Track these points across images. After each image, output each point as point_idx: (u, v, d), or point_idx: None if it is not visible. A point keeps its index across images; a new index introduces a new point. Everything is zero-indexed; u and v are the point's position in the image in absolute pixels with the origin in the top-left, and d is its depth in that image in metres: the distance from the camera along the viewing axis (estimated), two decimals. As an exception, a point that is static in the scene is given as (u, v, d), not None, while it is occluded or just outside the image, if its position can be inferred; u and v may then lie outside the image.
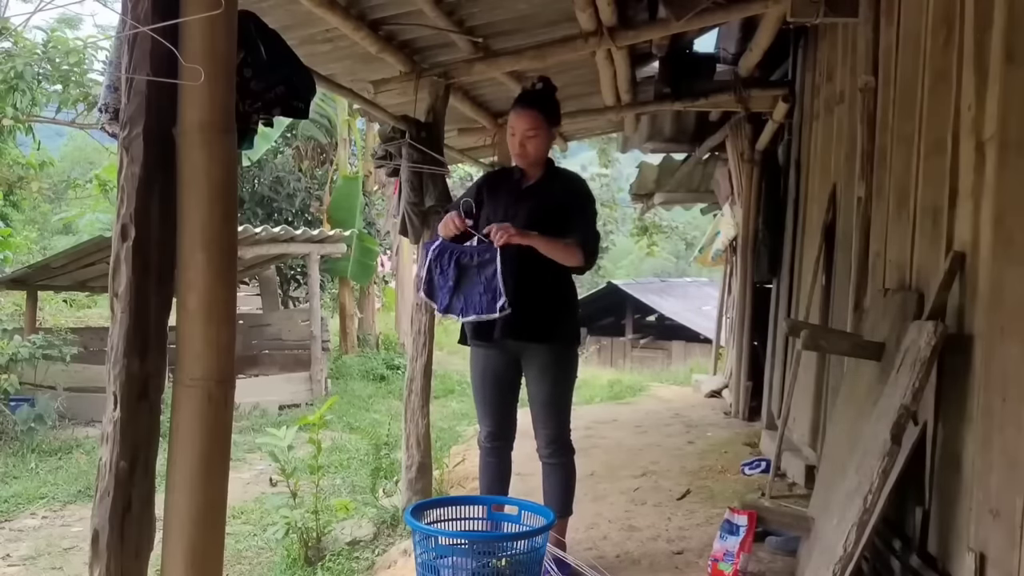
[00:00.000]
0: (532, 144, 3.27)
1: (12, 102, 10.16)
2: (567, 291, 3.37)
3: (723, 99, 5.99)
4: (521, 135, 3.26)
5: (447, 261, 3.31)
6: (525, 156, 3.31)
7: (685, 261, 29.93)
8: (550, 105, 3.35)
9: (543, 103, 3.32)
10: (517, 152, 3.31)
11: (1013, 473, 2.11)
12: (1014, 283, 2.17)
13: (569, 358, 3.39)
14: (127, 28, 1.74)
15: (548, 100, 3.35)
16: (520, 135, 3.27)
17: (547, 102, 3.35)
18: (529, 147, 3.28)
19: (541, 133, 3.28)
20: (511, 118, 3.33)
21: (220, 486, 1.84)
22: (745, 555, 3.20)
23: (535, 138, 3.27)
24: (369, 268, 13.66)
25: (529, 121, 3.26)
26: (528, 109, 3.28)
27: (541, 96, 3.35)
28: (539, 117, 3.27)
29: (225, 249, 1.81)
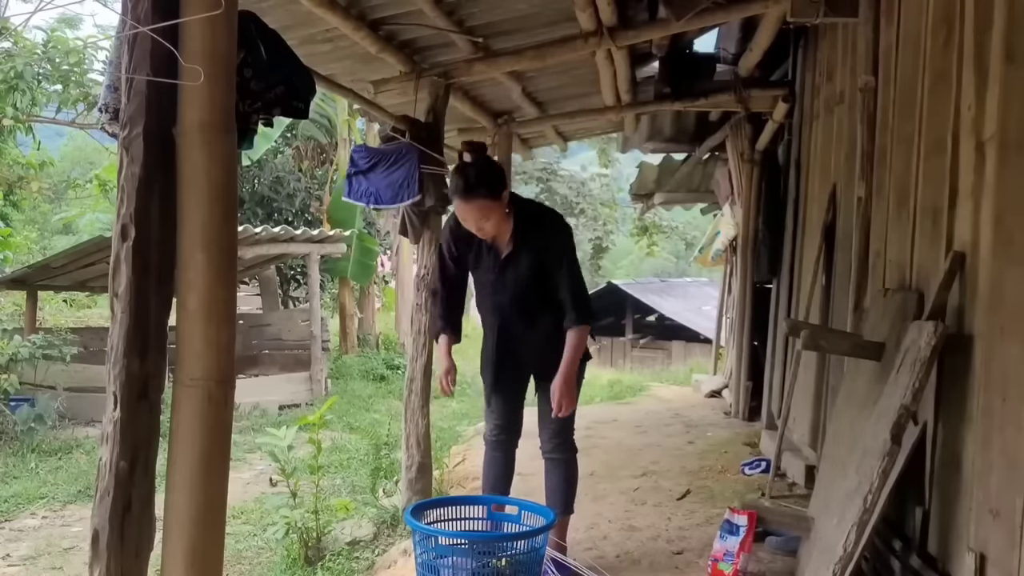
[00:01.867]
0: (489, 224, 3.12)
1: (12, 102, 10.15)
2: None
3: (723, 99, 5.99)
4: (474, 223, 3.13)
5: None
6: (487, 234, 3.19)
7: (685, 261, 29.93)
8: (488, 180, 3.07)
9: (480, 184, 3.05)
10: (478, 233, 3.18)
11: (1013, 473, 2.11)
12: (1014, 283, 2.17)
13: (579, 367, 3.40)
14: (127, 28, 1.74)
15: (484, 177, 3.06)
16: (473, 223, 3.13)
17: (484, 180, 3.06)
18: (488, 227, 3.14)
19: (493, 211, 3.08)
20: (456, 207, 3.18)
21: (220, 486, 1.84)
22: (745, 555, 3.20)
23: (487, 219, 3.10)
24: (369, 268, 13.66)
25: (476, 211, 3.08)
26: (469, 201, 3.06)
27: (476, 177, 3.06)
28: (484, 203, 3.06)
29: (225, 249, 1.81)
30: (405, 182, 4.28)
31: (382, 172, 4.34)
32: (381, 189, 4.36)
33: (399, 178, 4.29)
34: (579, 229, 23.42)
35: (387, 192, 4.33)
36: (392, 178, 4.31)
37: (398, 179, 4.30)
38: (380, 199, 4.38)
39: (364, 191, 4.42)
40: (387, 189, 4.33)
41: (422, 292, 4.50)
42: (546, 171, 21.55)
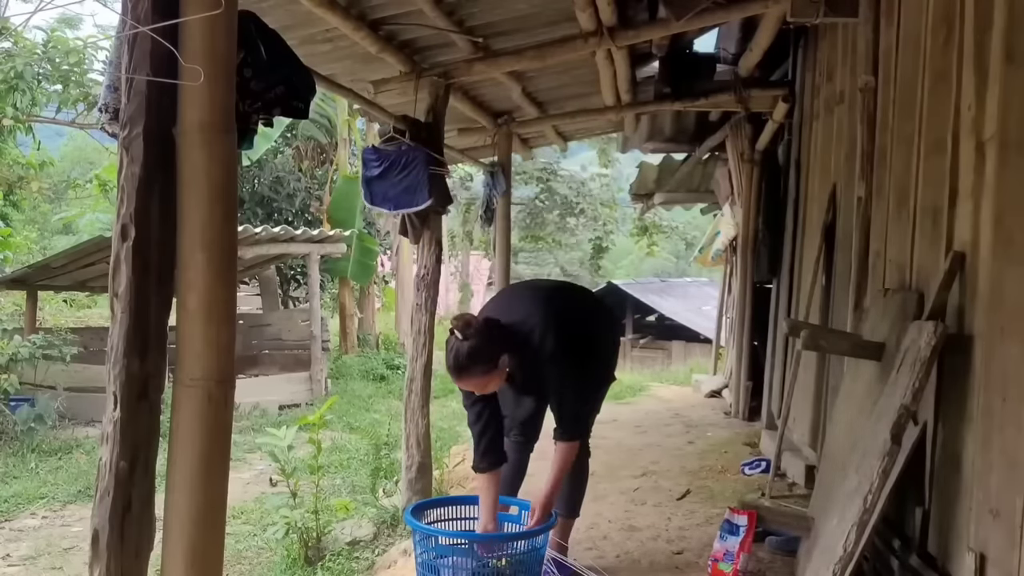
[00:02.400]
0: (491, 387, 3.08)
1: (12, 102, 10.15)
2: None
3: (723, 99, 5.99)
4: (477, 391, 3.09)
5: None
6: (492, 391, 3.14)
7: (685, 261, 29.92)
8: (479, 358, 2.96)
9: (472, 364, 2.96)
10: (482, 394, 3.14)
11: (1013, 473, 2.11)
12: (1014, 283, 2.17)
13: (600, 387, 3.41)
14: (127, 28, 1.74)
15: (475, 356, 2.95)
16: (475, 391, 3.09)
17: (475, 358, 2.95)
18: (490, 388, 3.09)
19: (491, 379, 3.02)
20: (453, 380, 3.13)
21: (220, 486, 1.84)
22: (745, 555, 3.20)
23: (487, 386, 3.06)
24: (369, 268, 13.67)
25: (472, 386, 3.05)
26: (462, 380, 3.01)
27: (468, 358, 2.95)
28: (479, 379, 3.00)
29: (225, 249, 1.81)
30: (417, 187, 4.35)
31: (395, 177, 4.41)
32: (397, 194, 4.43)
33: (411, 183, 4.37)
34: (579, 229, 23.42)
35: (403, 197, 4.42)
36: (407, 183, 4.39)
37: (412, 183, 4.37)
38: (398, 204, 4.46)
39: (383, 196, 4.49)
40: (403, 194, 4.41)
41: (422, 292, 4.50)
42: (546, 171, 21.50)
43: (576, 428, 3.15)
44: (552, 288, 3.56)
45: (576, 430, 3.15)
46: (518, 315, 3.15)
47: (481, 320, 3.05)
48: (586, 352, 3.18)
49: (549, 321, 3.11)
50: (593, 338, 3.28)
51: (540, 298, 3.34)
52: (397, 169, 4.39)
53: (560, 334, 3.08)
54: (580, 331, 3.20)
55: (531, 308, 3.20)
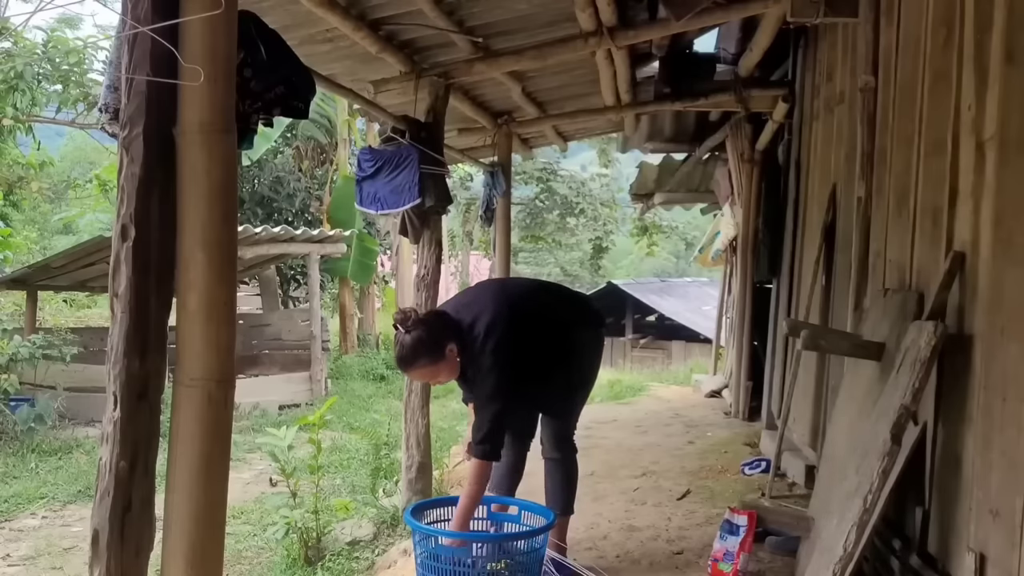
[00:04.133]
0: (442, 377, 3.13)
1: (12, 102, 10.16)
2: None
3: (723, 99, 5.99)
4: (429, 381, 3.19)
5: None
6: (447, 381, 3.21)
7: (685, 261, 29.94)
8: (425, 348, 2.99)
9: (419, 355, 3.00)
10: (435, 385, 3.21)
11: (1013, 473, 2.11)
12: (1014, 283, 2.17)
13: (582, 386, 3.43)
14: (127, 28, 1.74)
15: (420, 347, 2.98)
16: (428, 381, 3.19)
17: (420, 350, 2.98)
18: (442, 379, 3.16)
19: (440, 369, 3.06)
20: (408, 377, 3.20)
21: (220, 486, 1.84)
22: (745, 555, 3.20)
23: (437, 376, 3.12)
24: (369, 268, 13.67)
25: (421, 376, 3.17)
26: (410, 372, 3.14)
27: (411, 350, 2.99)
28: (425, 369, 3.06)
29: (225, 249, 1.81)
30: (407, 186, 4.32)
31: (386, 177, 4.38)
32: (386, 194, 4.41)
33: (401, 182, 4.34)
34: (579, 229, 23.42)
35: (391, 197, 4.39)
36: (395, 183, 4.36)
37: (400, 183, 4.34)
38: (385, 204, 4.43)
39: (372, 197, 4.48)
40: (391, 194, 4.38)
41: (422, 292, 4.50)
42: (546, 171, 21.52)
43: (487, 442, 2.99)
44: (519, 283, 3.55)
45: (486, 444, 2.99)
46: (472, 306, 3.16)
47: (425, 312, 3.12)
48: (541, 351, 3.17)
49: (497, 311, 3.10)
50: (559, 338, 3.26)
51: (498, 290, 3.37)
52: (389, 168, 4.38)
53: (504, 326, 3.05)
54: (537, 326, 3.19)
55: (481, 297, 3.23)
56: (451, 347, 3.02)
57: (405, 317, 2.99)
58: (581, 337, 3.37)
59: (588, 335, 3.42)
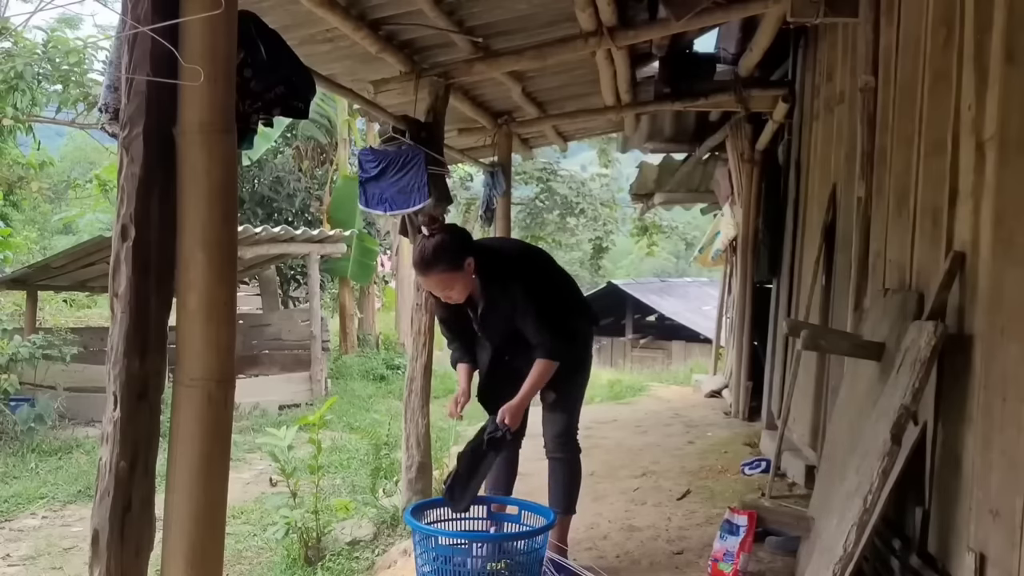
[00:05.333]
0: (455, 292, 3.12)
1: (12, 102, 10.16)
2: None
3: (723, 99, 5.99)
4: (439, 293, 3.15)
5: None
6: (457, 300, 3.18)
7: (685, 261, 29.93)
8: (447, 253, 3.04)
9: (437, 260, 3.04)
10: (446, 301, 3.19)
11: (1013, 473, 2.11)
12: (1014, 283, 2.17)
13: (578, 370, 3.42)
14: (127, 28, 1.74)
15: (443, 251, 3.03)
16: (438, 293, 3.16)
17: (442, 254, 3.03)
18: (454, 295, 3.14)
19: (455, 281, 3.08)
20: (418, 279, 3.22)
21: (220, 486, 1.84)
22: (745, 555, 3.20)
23: (451, 288, 3.11)
24: (369, 268, 13.67)
25: (436, 284, 3.11)
26: (427, 275, 3.09)
27: (433, 252, 3.03)
28: (442, 276, 3.07)
29: (225, 249, 1.81)
30: (415, 186, 4.29)
31: (392, 178, 4.36)
32: (393, 195, 4.37)
33: (409, 183, 4.31)
34: (579, 229, 23.39)
35: (399, 198, 4.36)
36: (402, 184, 4.33)
37: (408, 184, 4.31)
38: (393, 205, 4.40)
39: (378, 198, 4.44)
40: (399, 195, 4.35)
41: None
42: (546, 171, 21.50)
43: (555, 343, 3.11)
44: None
45: (555, 346, 3.11)
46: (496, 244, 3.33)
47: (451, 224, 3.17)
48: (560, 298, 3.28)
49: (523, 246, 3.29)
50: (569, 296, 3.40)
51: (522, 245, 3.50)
52: (394, 169, 4.35)
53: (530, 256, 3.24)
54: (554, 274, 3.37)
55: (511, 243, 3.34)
56: (470, 261, 3.07)
57: (432, 219, 3.07)
58: (582, 328, 3.43)
59: (586, 328, 3.48)
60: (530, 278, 3.19)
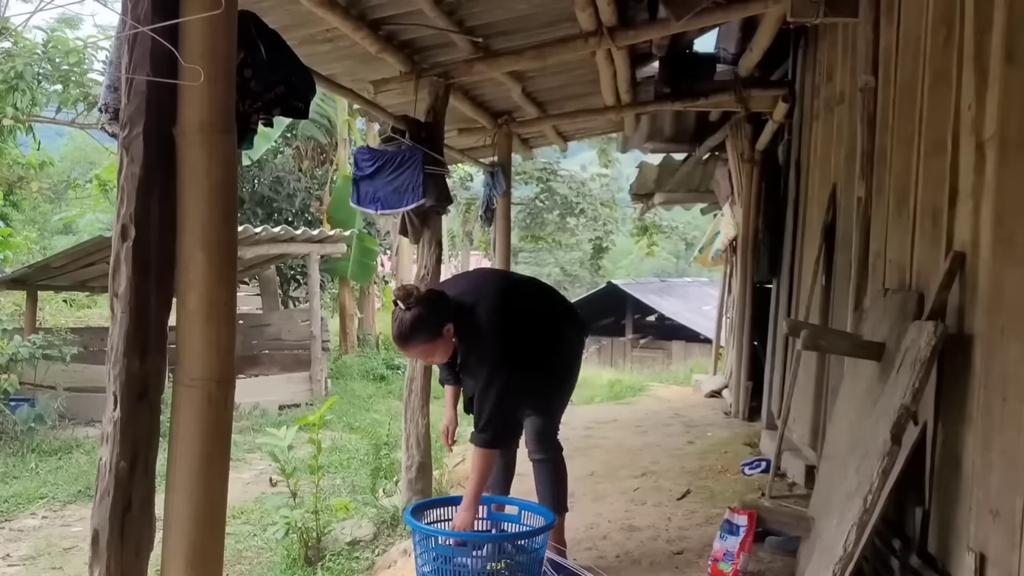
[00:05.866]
0: (436, 357, 3.21)
1: (12, 102, 10.15)
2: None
3: (723, 99, 5.99)
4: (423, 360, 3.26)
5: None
6: (439, 362, 3.29)
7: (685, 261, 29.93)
8: (424, 325, 3.04)
9: (418, 332, 3.05)
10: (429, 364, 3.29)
11: (1013, 473, 2.11)
12: (1014, 283, 2.17)
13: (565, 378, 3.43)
14: (127, 28, 1.74)
15: (420, 324, 3.03)
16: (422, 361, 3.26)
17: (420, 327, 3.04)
18: (437, 359, 3.24)
19: (437, 348, 3.13)
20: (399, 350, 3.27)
21: (220, 486, 1.84)
22: (745, 555, 3.20)
23: (433, 355, 3.21)
24: (369, 268, 13.67)
25: (418, 354, 3.22)
26: (407, 349, 3.15)
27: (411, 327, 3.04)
28: (423, 347, 3.12)
29: (225, 249, 1.81)
30: (410, 186, 4.29)
31: (387, 176, 4.35)
32: (387, 194, 4.37)
33: (404, 182, 4.31)
34: (579, 229, 23.41)
35: (393, 197, 4.35)
36: (397, 182, 4.32)
37: (403, 183, 4.31)
38: (386, 204, 4.39)
39: (371, 196, 4.44)
40: (393, 194, 4.35)
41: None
42: (546, 171, 21.52)
43: (489, 430, 3.03)
44: (514, 274, 3.64)
45: (489, 433, 3.03)
46: (470, 289, 3.23)
47: (424, 290, 3.15)
48: (535, 341, 3.21)
49: (497, 295, 3.18)
50: (551, 331, 3.33)
51: (496, 277, 3.45)
52: (390, 168, 4.35)
53: (504, 309, 3.13)
54: (532, 317, 3.27)
55: (483, 283, 3.31)
56: (448, 327, 3.08)
57: (407, 294, 3.04)
58: (569, 335, 3.43)
59: (574, 335, 3.48)
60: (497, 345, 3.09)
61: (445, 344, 3.11)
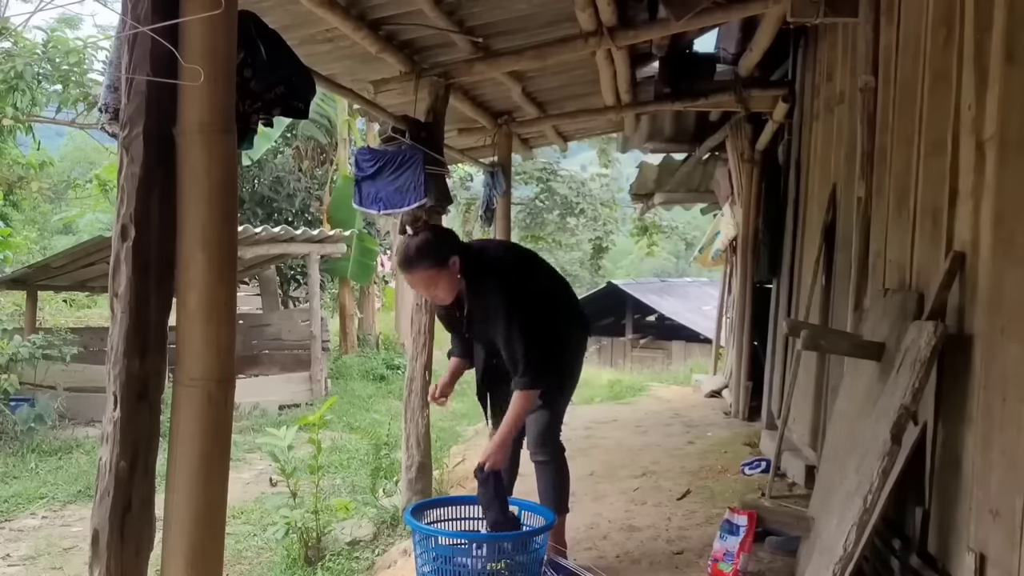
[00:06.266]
0: (440, 291, 3.13)
1: (12, 102, 10.16)
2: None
3: (723, 99, 5.99)
4: (424, 292, 3.19)
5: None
6: (441, 300, 3.20)
7: (685, 261, 29.92)
8: (432, 251, 3.05)
9: (424, 257, 3.05)
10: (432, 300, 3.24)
11: (1013, 473, 2.11)
12: (1014, 283, 2.17)
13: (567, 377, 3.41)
14: (127, 28, 1.74)
15: (428, 249, 3.04)
16: (423, 291, 3.19)
17: (427, 252, 3.05)
18: (439, 295, 3.15)
19: (439, 280, 3.08)
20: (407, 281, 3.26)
21: (220, 486, 1.84)
22: (745, 555, 3.20)
23: (436, 287, 3.12)
24: (369, 268, 13.67)
25: (420, 282, 3.13)
26: (410, 273, 3.10)
27: (416, 250, 3.05)
28: (428, 273, 3.07)
29: (225, 249, 1.82)
30: (412, 186, 4.29)
31: (388, 176, 4.35)
32: (389, 194, 4.37)
33: (406, 182, 4.31)
34: (579, 229, 23.40)
35: (394, 197, 4.35)
36: (399, 182, 4.33)
37: (405, 183, 4.31)
38: (388, 204, 4.39)
39: (373, 197, 4.43)
40: (395, 194, 4.35)
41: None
42: (546, 171, 21.50)
43: (530, 372, 3.02)
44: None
45: (530, 375, 3.03)
46: (487, 246, 3.29)
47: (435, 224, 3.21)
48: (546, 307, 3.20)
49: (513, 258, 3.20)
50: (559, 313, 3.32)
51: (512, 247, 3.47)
52: (391, 168, 4.35)
53: (519, 263, 3.17)
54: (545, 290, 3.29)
55: (499, 245, 3.32)
56: (455, 260, 3.06)
57: (415, 219, 3.08)
58: (574, 332, 3.43)
59: (578, 334, 3.47)
60: (514, 287, 3.12)
61: (449, 279, 3.07)
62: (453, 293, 3.14)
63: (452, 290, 3.12)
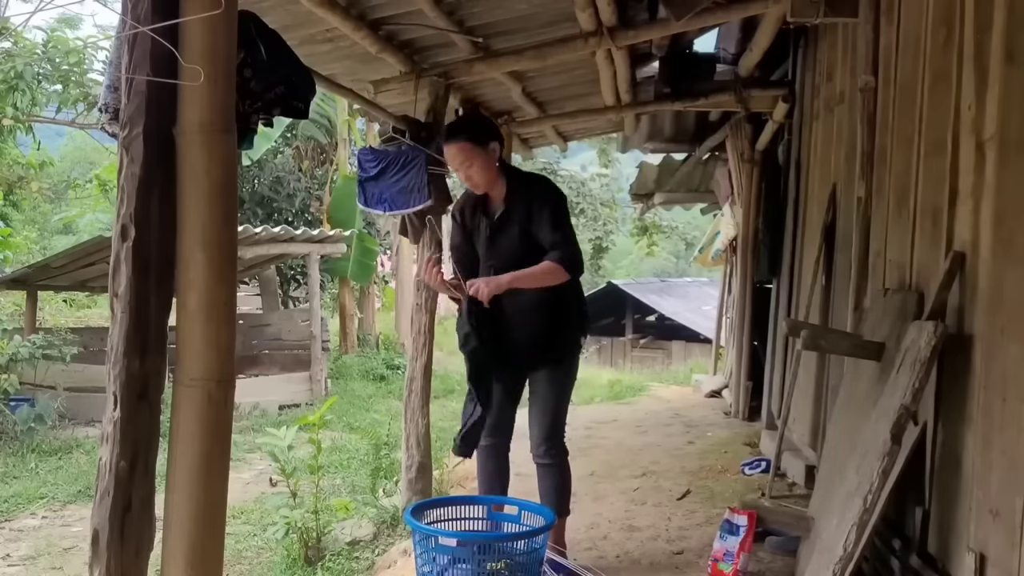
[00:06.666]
0: (473, 172, 3.22)
1: (12, 102, 10.15)
2: (565, 304, 3.30)
3: (723, 99, 5.99)
4: (459, 168, 3.26)
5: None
6: (475, 185, 3.29)
7: (685, 261, 29.92)
8: (472, 127, 3.26)
9: (463, 130, 3.27)
10: (466, 183, 3.31)
11: (1013, 473, 2.11)
12: (1014, 283, 2.17)
13: (571, 364, 3.41)
14: (127, 28, 1.74)
15: (468, 124, 3.23)
16: (459, 168, 3.25)
17: (467, 127, 3.27)
18: (473, 175, 3.23)
19: (475, 158, 3.19)
20: (445, 152, 3.35)
21: (220, 486, 1.84)
22: (745, 555, 3.20)
23: (472, 166, 3.20)
24: (369, 268, 13.66)
25: (456, 154, 3.22)
26: (450, 144, 3.24)
27: (461, 124, 3.22)
28: (464, 146, 3.19)
29: (225, 249, 1.81)
30: (416, 187, 4.30)
31: (392, 177, 4.36)
32: (393, 195, 4.38)
33: (410, 183, 4.32)
34: (579, 229, 23.38)
35: (399, 197, 4.36)
36: (403, 184, 4.33)
37: (409, 184, 4.32)
38: (394, 204, 4.41)
39: (378, 197, 4.45)
40: (399, 194, 4.36)
41: (422, 292, 4.50)
42: (546, 171, 21.52)
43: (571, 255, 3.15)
44: None
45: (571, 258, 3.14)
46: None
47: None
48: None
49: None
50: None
51: None
52: (394, 169, 4.35)
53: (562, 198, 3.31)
54: None
55: None
56: (495, 146, 3.22)
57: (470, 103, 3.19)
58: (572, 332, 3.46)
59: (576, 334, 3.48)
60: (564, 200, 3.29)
61: (485, 162, 3.19)
62: (488, 182, 3.25)
63: (487, 178, 3.23)
